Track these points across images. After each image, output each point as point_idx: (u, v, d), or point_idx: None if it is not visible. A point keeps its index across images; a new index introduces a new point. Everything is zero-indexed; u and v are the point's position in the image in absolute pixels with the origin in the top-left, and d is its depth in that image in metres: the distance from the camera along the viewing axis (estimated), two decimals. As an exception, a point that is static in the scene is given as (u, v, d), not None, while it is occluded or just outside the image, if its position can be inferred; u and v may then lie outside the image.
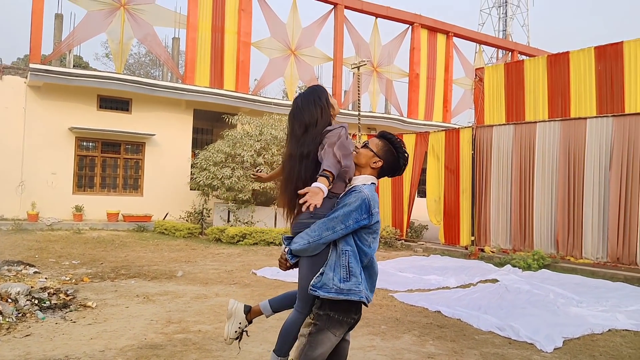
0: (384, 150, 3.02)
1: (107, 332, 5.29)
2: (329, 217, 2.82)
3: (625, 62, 10.78)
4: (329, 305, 2.84)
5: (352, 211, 2.78)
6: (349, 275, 2.79)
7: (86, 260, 9.94)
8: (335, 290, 2.77)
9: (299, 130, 3.01)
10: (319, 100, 3.07)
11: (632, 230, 9.73)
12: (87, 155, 17.43)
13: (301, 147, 2.96)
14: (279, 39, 22.15)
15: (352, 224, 2.78)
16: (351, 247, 2.83)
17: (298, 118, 3.05)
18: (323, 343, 2.85)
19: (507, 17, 48.78)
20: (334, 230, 2.79)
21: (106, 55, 42.25)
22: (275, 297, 3.41)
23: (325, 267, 2.84)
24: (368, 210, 2.81)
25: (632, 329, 5.96)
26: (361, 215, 2.80)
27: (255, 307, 3.42)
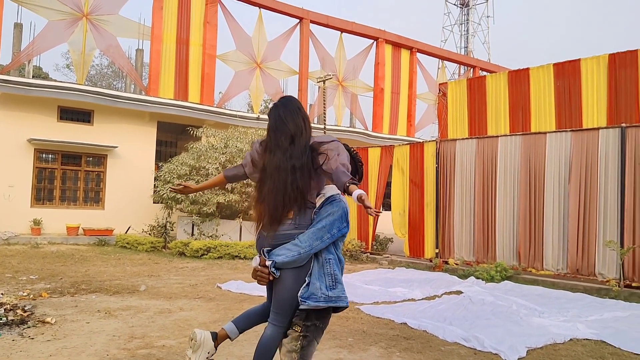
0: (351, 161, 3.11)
1: (67, 348, 5.13)
2: (318, 227, 2.83)
3: (583, 78, 11.16)
4: (315, 315, 2.84)
5: (336, 220, 2.84)
6: (335, 283, 2.82)
7: (45, 275, 9.64)
8: (324, 299, 2.78)
9: (285, 141, 2.93)
10: (299, 111, 3.04)
11: (590, 242, 9.99)
12: (47, 167, 16.99)
13: (291, 159, 2.90)
14: (245, 52, 22.15)
15: (336, 232, 2.84)
16: (333, 255, 2.88)
17: (282, 129, 2.97)
18: (311, 353, 2.87)
19: (469, 34, 49.91)
20: (322, 239, 2.81)
21: (67, 66, 41.51)
22: (239, 317, 3.26)
23: (311, 277, 2.82)
24: (347, 218, 2.91)
25: (592, 338, 6.09)
26: (342, 224, 2.86)
27: (221, 332, 3.25)
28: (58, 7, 17.75)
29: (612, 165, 9.77)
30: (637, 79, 10.57)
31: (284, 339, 2.90)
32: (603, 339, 6.02)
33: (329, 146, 2.90)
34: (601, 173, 9.90)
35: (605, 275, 9.69)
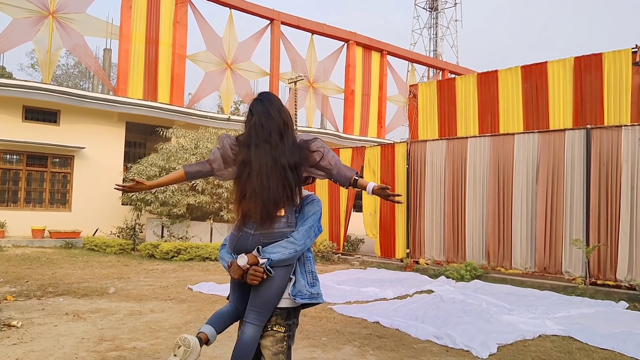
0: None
1: (35, 352, 5.00)
2: (308, 226, 2.86)
3: (549, 80, 11.40)
4: (294, 312, 2.87)
5: (319, 219, 2.91)
6: (314, 280, 2.88)
7: (9, 278, 9.40)
8: (309, 296, 2.81)
9: (276, 136, 2.84)
10: (283, 107, 2.98)
11: (557, 241, 10.20)
12: (11, 168, 16.58)
13: (284, 156, 2.82)
14: (215, 52, 22.00)
15: (317, 231, 2.89)
16: (311, 253, 2.94)
17: (270, 124, 2.86)
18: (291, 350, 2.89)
19: (438, 37, 50.50)
20: (311, 238, 2.85)
21: (32, 66, 40.62)
22: (213, 319, 3.08)
23: (295, 275, 2.83)
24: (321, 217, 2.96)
25: (560, 334, 6.22)
26: (320, 223, 2.93)
27: (203, 336, 3.02)
28: (23, 4, 17.37)
29: (578, 165, 9.99)
30: (601, 81, 10.85)
31: (267, 343, 2.80)
32: (571, 335, 6.16)
33: (317, 143, 2.91)
34: (567, 173, 10.12)
35: (571, 274, 9.90)
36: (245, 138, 2.91)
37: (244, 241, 2.81)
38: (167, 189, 14.48)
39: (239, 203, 2.83)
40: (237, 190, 2.87)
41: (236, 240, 2.83)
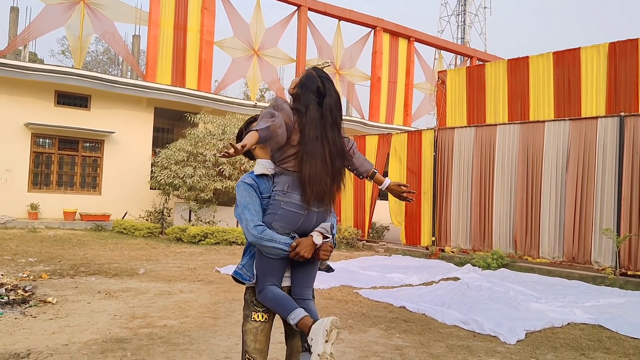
0: None
1: (70, 326, 5.15)
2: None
3: (582, 67, 11.17)
4: None
5: None
6: None
7: (43, 257, 9.64)
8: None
9: (341, 122, 2.92)
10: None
11: (587, 230, 10.06)
12: (44, 152, 16.92)
13: (342, 141, 2.92)
14: (242, 38, 22.05)
15: None
16: None
17: (340, 109, 2.89)
18: None
19: (466, 25, 49.78)
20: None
21: (62, 52, 41.22)
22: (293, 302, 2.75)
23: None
24: None
25: (589, 323, 6.16)
26: None
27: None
28: (55, -10, 17.61)
29: (610, 154, 9.81)
30: (637, 68, 10.58)
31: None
32: (600, 324, 6.10)
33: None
34: (599, 162, 9.94)
35: (601, 264, 9.77)
36: (316, 115, 2.77)
37: (310, 219, 2.73)
38: (195, 174, 14.63)
39: (310, 183, 2.70)
40: (307, 168, 2.71)
41: (302, 219, 2.72)
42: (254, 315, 2.69)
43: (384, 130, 23.21)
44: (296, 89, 2.85)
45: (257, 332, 2.68)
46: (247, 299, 2.76)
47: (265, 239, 2.61)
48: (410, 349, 4.95)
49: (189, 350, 4.59)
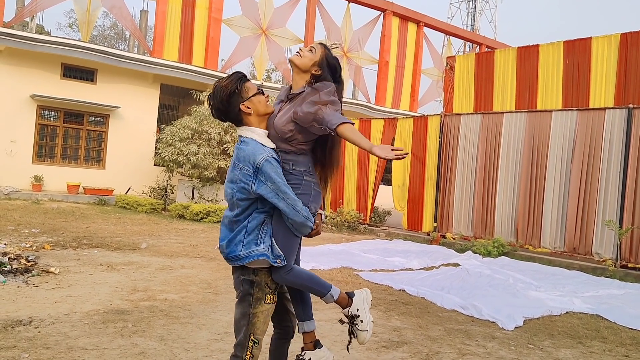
0: None
1: (72, 296, 5.19)
2: None
3: (593, 57, 11.08)
4: None
5: None
6: None
7: (46, 229, 9.70)
8: None
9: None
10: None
11: (589, 221, 10.05)
12: (49, 124, 16.93)
13: None
14: (251, 17, 21.88)
15: None
16: None
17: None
18: None
19: (476, 12, 49.31)
20: None
21: (69, 26, 41.08)
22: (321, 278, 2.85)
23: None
24: None
25: (588, 312, 6.18)
26: None
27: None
28: (64, -38, 17.47)
29: (616, 145, 9.77)
30: (648, 59, 10.50)
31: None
32: (599, 314, 6.12)
33: None
34: (605, 153, 9.91)
35: (602, 255, 9.78)
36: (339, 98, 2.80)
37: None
38: (199, 152, 14.64)
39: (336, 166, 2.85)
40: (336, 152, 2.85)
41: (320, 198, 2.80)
42: (267, 297, 2.65)
43: (389, 114, 23.10)
44: (320, 71, 2.79)
45: (268, 314, 2.68)
46: (259, 281, 2.62)
47: (310, 219, 2.63)
48: (409, 330, 4.99)
49: (189, 324, 4.62)
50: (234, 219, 2.62)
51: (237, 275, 2.67)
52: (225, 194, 2.65)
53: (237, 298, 2.68)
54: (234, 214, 2.62)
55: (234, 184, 2.60)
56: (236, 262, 2.60)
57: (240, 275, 2.64)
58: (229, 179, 2.63)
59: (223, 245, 2.62)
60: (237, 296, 2.68)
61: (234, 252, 2.59)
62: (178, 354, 3.90)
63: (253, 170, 2.53)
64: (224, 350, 4.05)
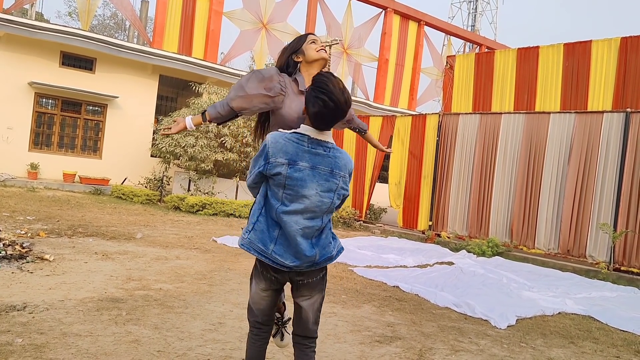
0: (306, 94, 2.64)
1: (66, 284, 5.19)
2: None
3: (592, 60, 11.11)
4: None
5: (258, 157, 2.60)
6: (249, 223, 2.64)
7: (41, 216, 9.67)
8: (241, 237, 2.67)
9: None
10: (284, 50, 3.06)
11: (584, 224, 10.09)
12: (46, 112, 16.86)
13: None
14: (252, 11, 21.84)
15: (256, 169, 2.59)
16: (260, 196, 2.65)
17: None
18: (252, 292, 2.77)
19: (477, 12, 49.33)
20: (249, 173, 2.67)
21: (69, 14, 40.95)
22: None
23: None
24: (266, 156, 2.54)
25: (580, 313, 6.22)
26: (260, 162, 2.58)
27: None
28: (65, -51, 17.39)
29: (613, 149, 9.81)
30: (647, 64, 10.54)
31: None
32: (591, 315, 6.16)
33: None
34: (601, 156, 9.94)
35: (595, 258, 9.82)
36: None
37: None
38: (196, 144, 14.62)
39: None
40: None
41: None
42: None
43: (388, 112, 23.12)
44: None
45: None
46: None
47: None
48: (402, 326, 5.00)
49: (183, 314, 4.63)
50: (322, 226, 2.60)
51: (316, 275, 2.66)
52: (315, 204, 2.53)
53: (312, 296, 2.71)
54: (327, 220, 2.63)
55: (333, 193, 2.58)
56: (329, 262, 2.66)
57: (319, 273, 2.68)
58: (326, 188, 2.55)
59: (314, 254, 2.54)
60: (311, 295, 2.71)
61: (327, 255, 2.61)
62: (172, 342, 3.90)
63: (349, 176, 2.65)
64: (217, 340, 4.06)
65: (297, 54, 2.99)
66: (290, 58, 3.00)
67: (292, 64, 2.99)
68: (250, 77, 2.91)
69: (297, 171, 2.50)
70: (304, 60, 2.98)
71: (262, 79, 2.88)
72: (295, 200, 2.52)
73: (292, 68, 2.98)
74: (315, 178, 2.52)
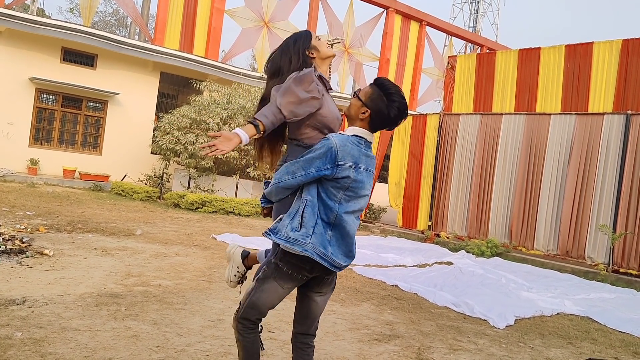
0: (372, 98, 2.70)
1: (65, 279, 5.19)
2: (292, 162, 2.64)
3: (594, 62, 11.11)
4: (281, 255, 2.63)
5: (315, 158, 2.55)
6: (300, 226, 2.54)
7: (41, 212, 9.67)
8: (285, 238, 2.53)
9: (267, 78, 3.01)
10: (290, 47, 2.96)
11: (583, 225, 10.10)
12: (47, 108, 16.85)
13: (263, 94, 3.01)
14: (254, 9, 21.84)
15: (314, 171, 2.54)
16: (312, 197, 2.59)
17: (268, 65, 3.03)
18: (267, 291, 2.66)
19: (479, 14, 49.28)
20: (293, 175, 2.58)
21: (70, 10, 40.86)
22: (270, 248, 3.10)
23: (286, 214, 2.64)
24: (333, 160, 2.53)
25: (578, 314, 6.23)
26: (324, 165, 2.53)
27: (252, 254, 3.21)
28: (68, -55, 17.38)
29: (613, 151, 9.82)
30: (648, 66, 10.54)
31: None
32: (589, 316, 6.17)
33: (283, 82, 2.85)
34: (601, 158, 9.95)
35: (594, 259, 9.83)
36: None
37: None
38: (197, 142, 14.61)
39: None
40: None
41: None
42: None
43: (388, 112, 23.02)
44: None
45: None
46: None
47: None
48: (401, 325, 5.01)
49: (182, 310, 4.63)
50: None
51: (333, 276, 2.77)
52: (365, 204, 2.69)
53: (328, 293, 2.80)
54: None
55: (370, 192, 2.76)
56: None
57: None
58: (369, 188, 2.70)
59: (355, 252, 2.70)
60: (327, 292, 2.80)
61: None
62: (171, 338, 3.91)
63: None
64: (216, 336, 4.06)
65: (310, 49, 2.96)
66: (306, 54, 2.95)
67: (309, 61, 2.95)
68: (298, 81, 2.75)
69: (359, 174, 2.60)
70: (318, 57, 2.97)
71: (310, 81, 2.77)
72: (352, 200, 2.62)
73: (309, 65, 2.92)
74: (369, 179, 2.67)
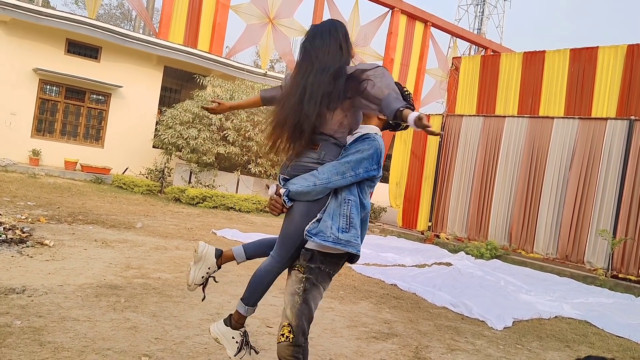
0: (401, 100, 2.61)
1: (65, 269, 5.20)
2: (341, 162, 2.53)
3: (598, 66, 11.10)
4: (321, 257, 2.55)
5: (365, 159, 2.53)
6: (349, 227, 2.50)
7: (42, 203, 9.68)
8: (333, 240, 2.46)
9: (316, 61, 2.66)
10: (335, 32, 2.72)
11: (583, 230, 10.11)
12: (50, 99, 16.85)
13: (317, 84, 2.60)
14: (259, 5, 21.80)
15: (362, 172, 2.53)
16: (354, 197, 2.56)
17: (310, 48, 2.70)
18: (316, 299, 2.59)
19: (484, 16, 49.23)
20: (343, 175, 2.51)
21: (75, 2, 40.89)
22: (250, 243, 3.09)
23: (324, 214, 2.52)
24: (378, 161, 2.58)
25: (576, 318, 6.24)
26: (372, 165, 2.55)
27: (227, 252, 3.11)
28: (75, -63, 17.38)
29: (615, 156, 9.82)
30: (653, 72, 10.53)
31: (289, 281, 2.65)
32: (587, 320, 6.18)
33: (374, 72, 2.57)
34: (603, 163, 9.96)
35: (593, 264, 9.84)
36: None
37: (283, 171, 2.73)
38: (199, 137, 14.61)
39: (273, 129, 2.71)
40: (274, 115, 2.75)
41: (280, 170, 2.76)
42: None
43: (391, 112, 23.01)
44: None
45: None
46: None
47: None
48: (399, 324, 5.02)
49: (181, 303, 4.64)
50: None
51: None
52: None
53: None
54: None
55: None
56: None
57: None
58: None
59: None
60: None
61: None
62: (169, 330, 3.91)
63: None
64: (215, 330, 4.06)
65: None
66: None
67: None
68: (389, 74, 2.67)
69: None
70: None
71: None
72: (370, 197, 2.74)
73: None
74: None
